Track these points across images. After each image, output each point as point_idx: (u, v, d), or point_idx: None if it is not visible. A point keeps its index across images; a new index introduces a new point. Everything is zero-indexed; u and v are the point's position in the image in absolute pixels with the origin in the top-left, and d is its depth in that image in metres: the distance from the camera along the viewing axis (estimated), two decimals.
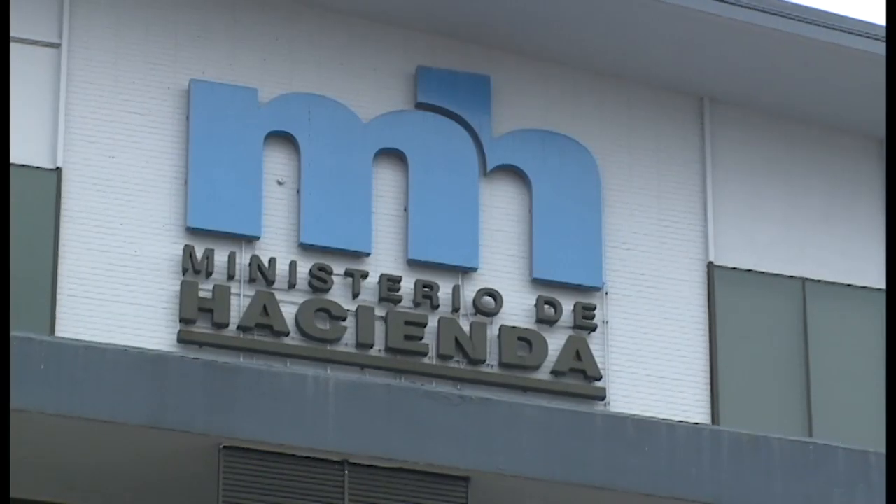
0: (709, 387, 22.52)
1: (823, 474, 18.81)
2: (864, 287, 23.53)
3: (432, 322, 21.31)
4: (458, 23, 23.25)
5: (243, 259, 21.04)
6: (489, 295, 21.37)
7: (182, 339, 20.29)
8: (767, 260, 23.04)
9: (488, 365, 21.07)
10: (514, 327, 21.53)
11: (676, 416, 20.80)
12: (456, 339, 21.10)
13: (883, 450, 20.62)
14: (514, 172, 22.54)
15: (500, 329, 21.43)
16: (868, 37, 23.27)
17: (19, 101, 22.05)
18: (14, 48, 22.06)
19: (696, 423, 20.46)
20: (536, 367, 21.14)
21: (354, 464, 17.23)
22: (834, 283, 23.01)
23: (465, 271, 21.69)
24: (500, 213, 22.62)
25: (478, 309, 21.43)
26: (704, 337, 22.53)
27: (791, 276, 22.72)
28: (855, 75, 22.95)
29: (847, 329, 23.33)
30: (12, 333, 17.83)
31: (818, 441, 20.01)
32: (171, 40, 22.70)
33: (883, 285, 23.88)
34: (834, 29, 22.69)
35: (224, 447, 17.25)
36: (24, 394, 16.87)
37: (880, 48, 22.80)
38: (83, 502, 19.17)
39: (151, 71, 22.34)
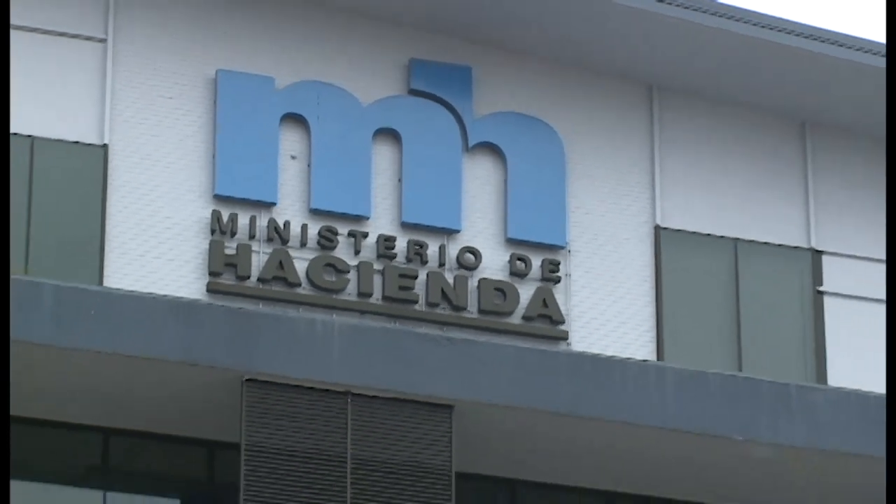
0: (655, 330, 22.76)
1: (751, 403, 18.98)
2: (786, 245, 23.52)
3: (422, 275, 21.55)
4: (445, 22, 23.39)
5: (262, 222, 21.25)
6: (470, 252, 21.60)
7: (210, 290, 20.47)
8: (705, 223, 23.17)
9: (469, 311, 21.31)
10: (490, 279, 21.83)
11: (627, 354, 21.16)
12: (442, 290, 21.37)
13: (802, 382, 21.60)
14: (491, 148, 22.67)
15: (479, 281, 21.73)
16: (791, 33, 23.81)
17: (72, 87, 22.37)
18: (67, 42, 22.45)
19: (644, 360, 20.83)
20: (510, 313, 21.39)
21: (356, 394, 17.53)
22: (761, 243, 23.11)
23: (450, 232, 21.90)
24: (479, 183, 22.81)
25: (460, 264, 21.64)
26: (651, 288, 22.88)
27: (725, 237, 22.86)
28: (781, 68, 23.31)
29: (771, 281, 23.55)
30: (68, 284, 18.72)
31: (747, 375, 20.24)
32: (201, 36, 22.90)
33: (803, 244, 24.11)
34: (763, 27, 23.21)
35: (246, 380, 17.65)
36: (77, 335, 17.38)
37: (803, 43, 23.25)
38: (126, 426, 19.28)
39: (184, 62, 22.59)
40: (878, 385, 21.38)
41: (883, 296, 24.72)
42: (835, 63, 24.05)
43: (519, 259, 21.92)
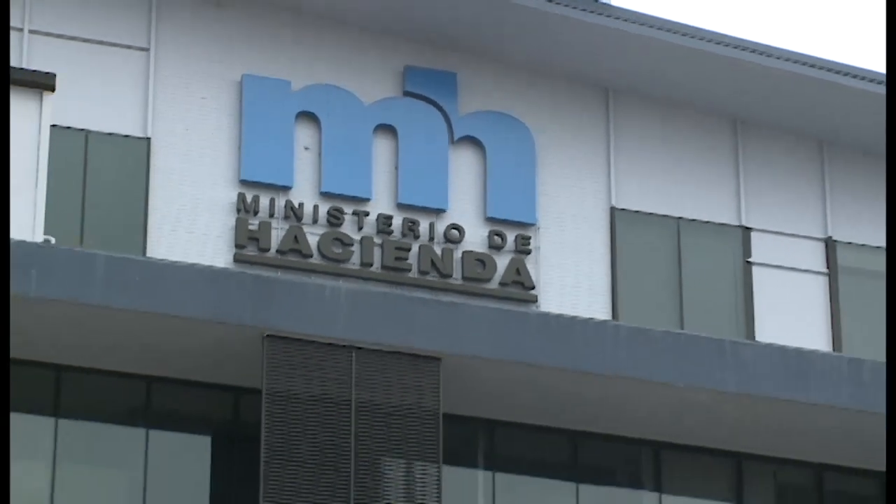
0: (610, 294, 23.18)
1: (691, 356, 19.21)
2: (721, 223, 23.81)
3: (414, 248, 21.88)
4: (434, 34, 23.28)
5: (280, 202, 21.58)
6: (455, 228, 21.86)
7: (236, 259, 20.80)
8: (653, 204, 23.47)
9: (454, 278, 21.70)
10: (472, 251, 22.12)
11: (588, 314, 21.14)
12: (431, 260, 21.69)
13: (734, 338, 21.71)
14: (473, 141, 22.91)
15: (462, 253, 21.98)
16: (724, 44, 24.52)
17: (120, 89, 22.75)
18: (116, 51, 22.94)
19: (602, 320, 21.20)
20: (488, 280, 21.74)
21: (359, 348, 17.77)
22: (700, 221, 23.63)
23: (438, 212, 22.19)
24: (463, 170, 23.14)
25: (447, 238, 21.96)
26: (608, 260, 23.14)
27: (669, 216, 23.29)
28: (716, 74, 23.86)
29: (708, 253, 23.86)
30: (116, 255, 18.75)
31: (688, 332, 20.46)
32: (228, 46, 23.24)
33: (734, 222, 24.48)
34: (702, 39, 23.59)
35: (267, 336, 17.34)
36: (123, 297, 17.42)
37: (734, 52, 23.80)
38: (164, 375, 18.95)
39: (214, 68, 22.99)
40: (797, 341, 21.59)
41: (803, 265, 24.99)
42: (764, 70, 24.03)
43: (496, 234, 22.20)
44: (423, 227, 22.13)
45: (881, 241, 25.47)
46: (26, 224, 19.71)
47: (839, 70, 27.68)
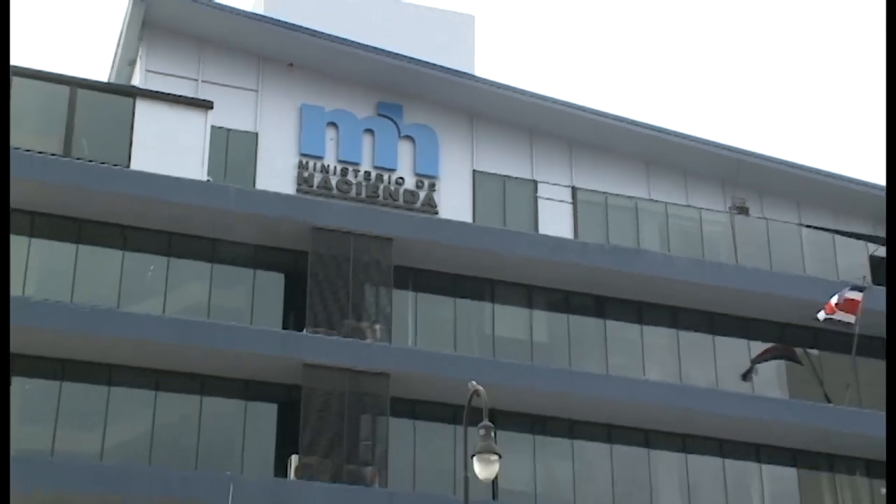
0: (472, 217, 35.72)
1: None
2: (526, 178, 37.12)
3: (381, 187, 34.92)
4: (395, 86, 36.13)
5: (318, 166, 34.44)
6: (401, 177, 35.52)
7: (297, 192, 33.70)
8: (508, 168, 36.57)
9: (399, 202, 34.98)
10: (409, 189, 35.61)
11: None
12: (390, 193, 35.05)
13: None
14: (409, 138, 36.24)
15: (403, 190, 35.26)
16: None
17: (240, 110, 34.54)
18: (236, 92, 34.49)
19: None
20: (415, 202, 35.41)
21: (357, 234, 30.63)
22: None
23: (392, 169, 35.64)
24: (404, 152, 35.94)
25: (396, 182, 35.22)
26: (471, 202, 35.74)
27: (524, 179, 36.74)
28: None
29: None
30: (241, 187, 32.04)
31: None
32: (291, 83, 35.95)
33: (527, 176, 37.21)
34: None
35: (314, 228, 31.04)
36: (232, 204, 30.55)
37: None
38: (236, 242, 31.40)
39: (284, 98, 35.48)
40: None
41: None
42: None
43: (421, 180, 35.35)
44: (385, 176, 35.26)
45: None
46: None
47: None
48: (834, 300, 32.90)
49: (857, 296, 32.93)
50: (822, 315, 32.71)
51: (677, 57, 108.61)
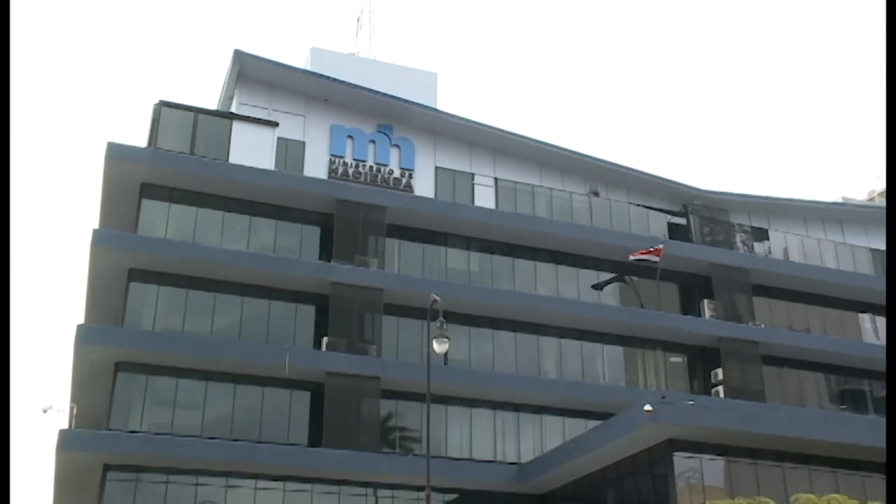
0: (434, 194, 36.12)
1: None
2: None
3: (380, 176, 35.30)
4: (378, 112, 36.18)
5: (339, 161, 35.28)
6: (390, 168, 35.71)
7: (329, 177, 34.57)
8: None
9: (387, 184, 35.39)
10: (395, 176, 35.57)
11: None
12: (384, 179, 35.38)
13: None
14: (396, 145, 36.33)
15: (392, 177, 35.38)
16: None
17: (291, 131, 34.52)
18: (289, 117, 34.73)
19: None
20: (400, 186, 35.55)
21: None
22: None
23: (385, 164, 35.80)
24: (393, 152, 36.08)
25: (389, 173, 35.31)
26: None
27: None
28: None
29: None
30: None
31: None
32: (326, 112, 36.01)
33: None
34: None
35: (338, 199, 32.43)
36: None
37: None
38: (292, 207, 32.66)
39: (321, 121, 35.74)
40: None
41: None
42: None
43: (404, 171, 35.46)
44: (382, 169, 35.58)
45: None
46: None
47: None
48: (646, 248, 35.47)
49: (659, 246, 35.35)
50: (632, 257, 34.95)
51: (588, 98, 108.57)
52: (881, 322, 39.50)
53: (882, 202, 46.43)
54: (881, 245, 42.06)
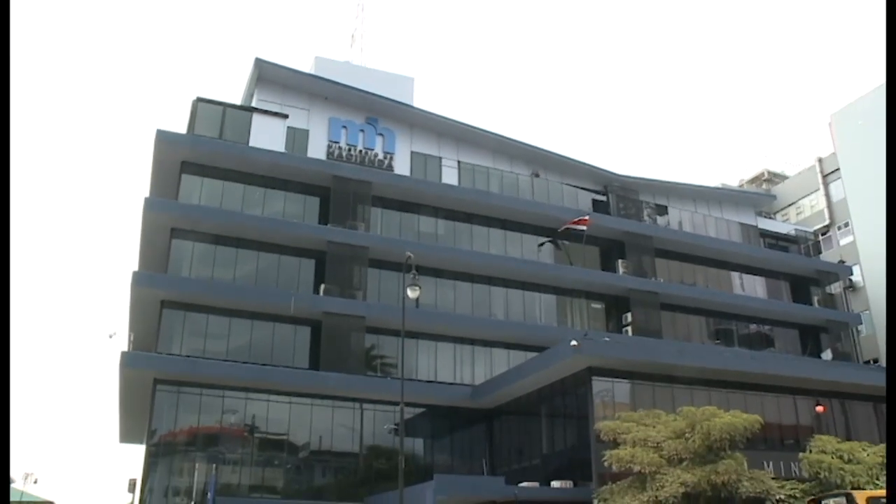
0: (410, 173, 35.92)
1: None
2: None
3: (367, 158, 34.64)
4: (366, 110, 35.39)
5: (334, 145, 34.34)
6: (377, 153, 35.18)
7: (327, 158, 33.73)
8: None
9: (374, 165, 35.01)
10: (380, 159, 34.97)
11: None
12: (370, 161, 34.82)
13: None
14: (381, 134, 35.66)
15: (377, 159, 34.74)
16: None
17: (298, 122, 34.29)
18: (296, 111, 34.02)
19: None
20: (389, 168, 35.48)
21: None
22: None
23: (371, 149, 34.78)
24: (378, 140, 36.28)
25: (375, 156, 34.52)
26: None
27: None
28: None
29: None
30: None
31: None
32: (325, 107, 35.02)
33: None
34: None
35: (334, 176, 32.12)
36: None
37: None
38: (298, 182, 32.05)
39: (322, 114, 34.72)
40: None
41: None
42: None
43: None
44: (369, 152, 34.73)
45: None
46: None
47: None
48: (575, 219, 36.36)
49: (585, 217, 36.24)
50: (564, 226, 35.77)
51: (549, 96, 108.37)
52: (747, 279, 40.93)
53: (748, 188, 49.82)
54: (749, 221, 43.98)
